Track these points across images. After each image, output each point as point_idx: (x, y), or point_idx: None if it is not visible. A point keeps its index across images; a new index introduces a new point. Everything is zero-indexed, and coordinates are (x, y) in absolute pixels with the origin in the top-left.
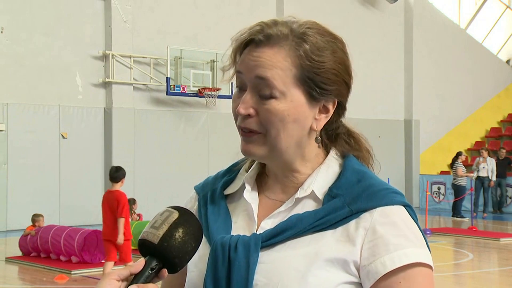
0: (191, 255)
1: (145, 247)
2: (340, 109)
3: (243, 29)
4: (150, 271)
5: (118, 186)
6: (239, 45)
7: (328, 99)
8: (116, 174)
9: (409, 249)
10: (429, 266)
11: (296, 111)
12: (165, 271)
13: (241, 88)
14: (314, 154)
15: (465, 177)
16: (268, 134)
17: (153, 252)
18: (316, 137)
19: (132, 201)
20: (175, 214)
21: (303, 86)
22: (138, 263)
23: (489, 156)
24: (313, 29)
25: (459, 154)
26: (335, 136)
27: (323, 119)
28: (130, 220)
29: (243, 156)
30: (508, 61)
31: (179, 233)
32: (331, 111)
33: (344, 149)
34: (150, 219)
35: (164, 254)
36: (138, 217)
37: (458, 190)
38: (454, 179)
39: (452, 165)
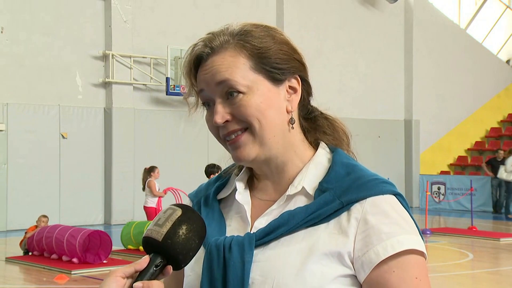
0: (195, 252)
1: (149, 245)
2: (307, 85)
3: (186, 52)
4: (154, 268)
5: None
6: (191, 67)
7: (290, 77)
8: (206, 169)
9: (401, 236)
10: (422, 253)
11: (267, 97)
12: (170, 268)
13: (209, 105)
14: (300, 141)
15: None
16: (252, 127)
17: (157, 249)
18: (290, 118)
19: None
20: (178, 212)
21: (262, 72)
22: (142, 260)
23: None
24: (247, 25)
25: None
26: (313, 120)
27: (295, 98)
28: None
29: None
30: (508, 61)
31: (182, 230)
32: (299, 88)
33: (326, 135)
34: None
35: (168, 251)
36: None
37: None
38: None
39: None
